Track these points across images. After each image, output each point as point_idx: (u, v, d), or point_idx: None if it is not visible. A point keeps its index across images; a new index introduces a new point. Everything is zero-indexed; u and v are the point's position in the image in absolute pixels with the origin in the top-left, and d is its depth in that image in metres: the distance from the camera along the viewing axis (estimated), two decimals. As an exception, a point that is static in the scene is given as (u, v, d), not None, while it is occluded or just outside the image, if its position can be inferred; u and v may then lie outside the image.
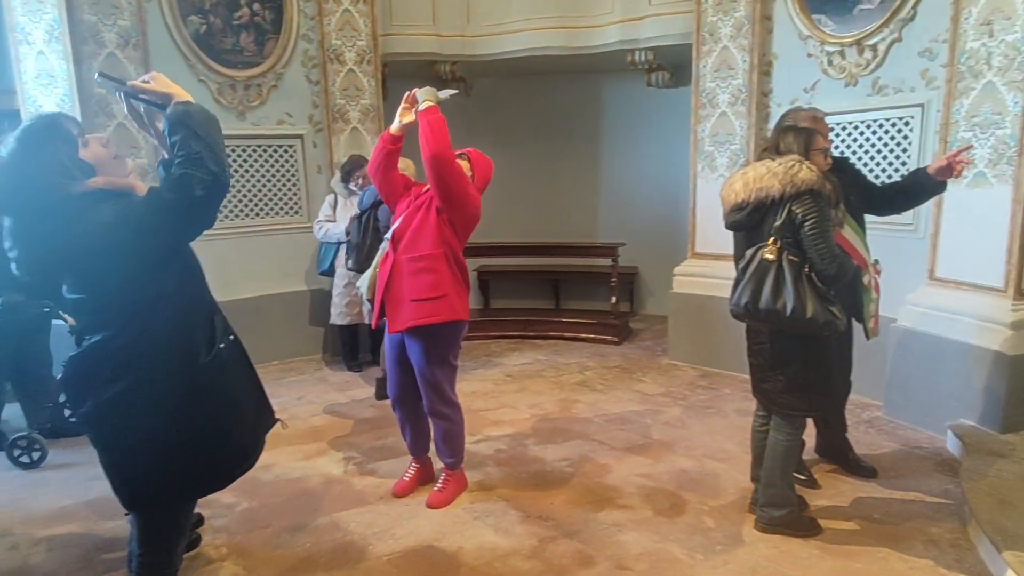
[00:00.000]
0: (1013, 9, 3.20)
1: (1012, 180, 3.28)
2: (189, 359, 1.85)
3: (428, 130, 2.62)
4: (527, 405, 4.27)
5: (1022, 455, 3.05)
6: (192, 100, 1.79)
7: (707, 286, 4.81)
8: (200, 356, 1.86)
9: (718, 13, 4.63)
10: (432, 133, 2.61)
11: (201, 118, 1.74)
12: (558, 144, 6.80)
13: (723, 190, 2.62)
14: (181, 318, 1.85)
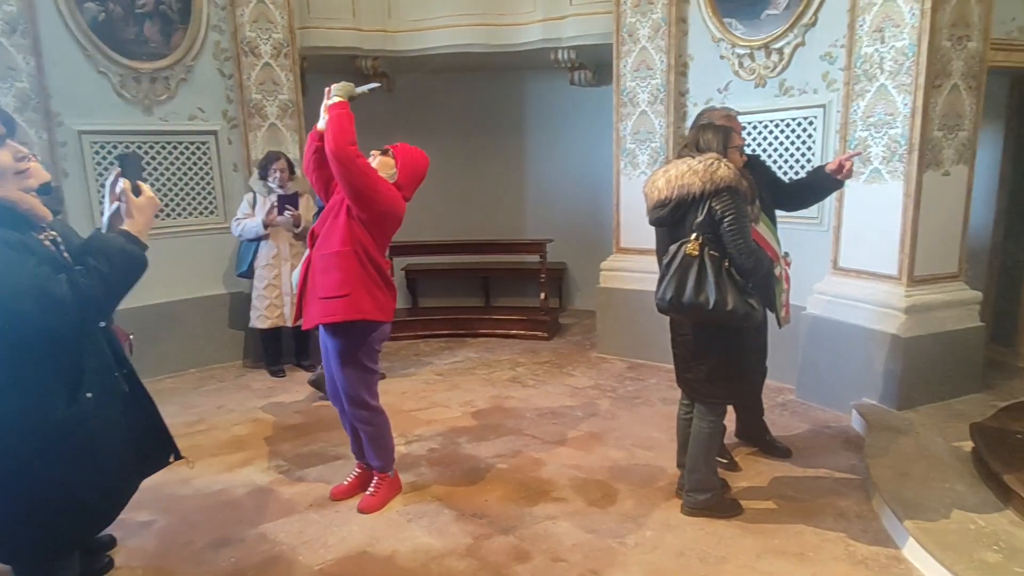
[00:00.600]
0: (902, 17, 3.46)
1: (903, 176, 3.55)
2: (39, 415, 1.59)
3: (330, 125, 2.56)
4: (459, 403, 4.25)
5: (918, 430, 3.32)
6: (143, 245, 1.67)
7: (632, 280, 4.95)
8: (55, 410, 1.60)
9: (636, 14, 4.76)
10: (333, 128, 2.54)
11: (123, 266, 1.62)
12: (484, 141, 6.80)
13: (646, 187, 2.68)
14: (29, 370, 1.58)
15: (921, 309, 3.58)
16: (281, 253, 4.70)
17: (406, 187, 2.82)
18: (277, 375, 4.84)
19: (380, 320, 2.75)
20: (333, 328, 2.73)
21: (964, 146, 3.61)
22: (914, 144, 3.47)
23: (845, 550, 2.53)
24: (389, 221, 2.74)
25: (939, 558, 2.29)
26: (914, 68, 3.43)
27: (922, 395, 3.61)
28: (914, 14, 3.40)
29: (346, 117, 2.57)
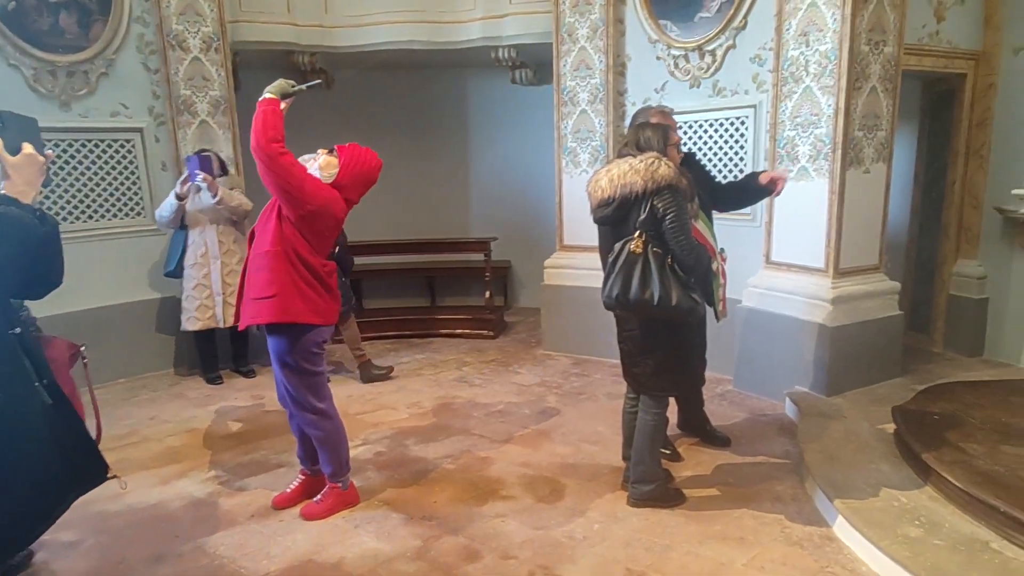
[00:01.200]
0: (824, 22, 3.64)
1: (828, 174, 3.73)
2: None
3: (255, 121, 2.48)
4: (406, 405, 4.21)
5: (846, 415, 3.50)
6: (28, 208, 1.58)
7: (576, 277, 5.01)
8: None
9: (575, 15, 4.82)
10: (256, 124, 2.47)
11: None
12: (426, 139, 6.74)
13: (589, 187, 2.72)
14: None
15: (846, 300, 3.78)
16: (210, 251, 4.50)
17: (349, 188, 2.72)
18: (214, 382, 4.66)
19: (314, 323, 2.66)
20: (268, 329, 2.67)
21: (883, 145, 3.82)
22: (837, 143, 3.66)
23: (782, 532, 2.65)
24: (322, 222, 2.63)
25: (866, 535, 2.42)
26: (836, 71, 3.61)
27: (848, 381, 3.81)
28: (835, 19, 3.57)
29: (271, 114, 2.49)
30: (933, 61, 4.06)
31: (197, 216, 4.48)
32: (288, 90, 2.58)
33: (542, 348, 5.36)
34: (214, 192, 4.33)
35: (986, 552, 2.26)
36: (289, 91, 2.59)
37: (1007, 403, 3.23)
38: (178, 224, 4.50)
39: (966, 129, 4.29)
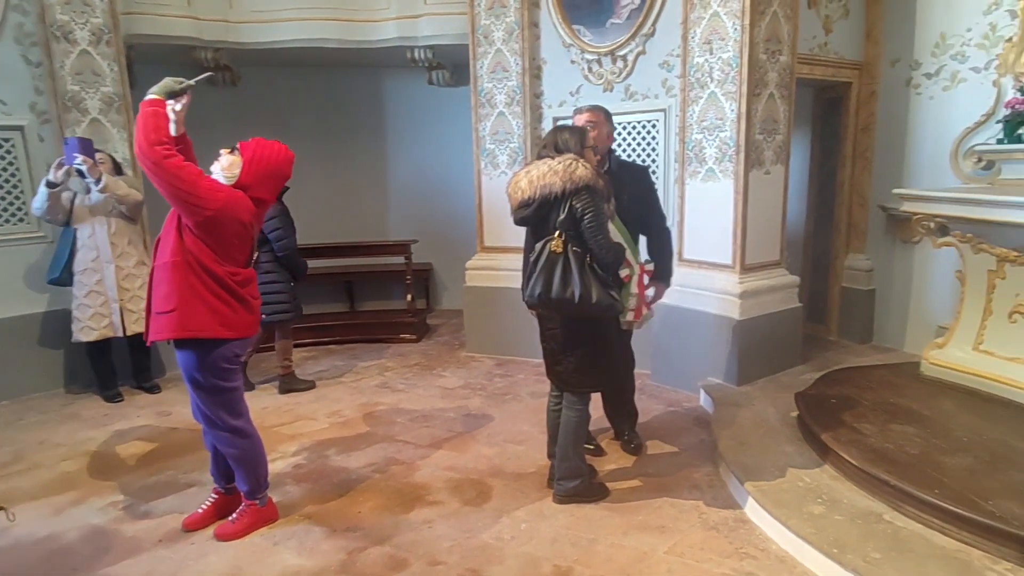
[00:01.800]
0: (726, 31, 3.83)
1: (733, 175, 3.94)
2: None
3: (136, 125, 2.34)
4: (326, 414, 4.08)
5: (754, 403, 3.70)
6: None
7: (497, 278, 5.03)
8: None
9: (490, 17, 4.84)
10: (138, 128, 2.32)
11: None
12: (342, 140, 6.57)
13: (509, 188, 2.73)
14: None
15: (752, 294, 4.00)
16: (102, 255, 4.16)
17: (256, 186, 2.56)
18: (113, 400, 4.33)
19: (223, 337, 2.50)
20: (176, 344, 2.51)
21: (780, 148, 4.08)
22: (740, 146, 3.87)
23: (699, 518, 2.76)
24: (225, 227, 2.45)
25: (775, 514, 2.57)
26: (738, 78, 3.81)
27: (756, 371, 4.03)
28: (736, 29, 3.77)
29: (153, 115, 2.33)
30: (823, 70, 4.37)
31: (83, 212, 4.13)
32: (174, 88, 2.42)
33: (466, 350, 5.34)
34: (96, 177, 3.96)
35: (880, 523, 2.46)
36: (176, 89, 2.42)
37: (894, 385, 3.52)
38: (62, 219, 4.13)
39: (853, 134, 4.65)
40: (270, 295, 4.32)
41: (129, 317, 4.21)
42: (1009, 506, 2.29)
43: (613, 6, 4.46)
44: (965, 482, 2.47)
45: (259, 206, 2.60)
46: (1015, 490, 2.39)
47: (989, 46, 3.87)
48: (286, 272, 4.37)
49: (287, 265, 4.36)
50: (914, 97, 4.32)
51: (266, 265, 4.30)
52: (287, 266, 4.36)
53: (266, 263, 4.30)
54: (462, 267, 5.33)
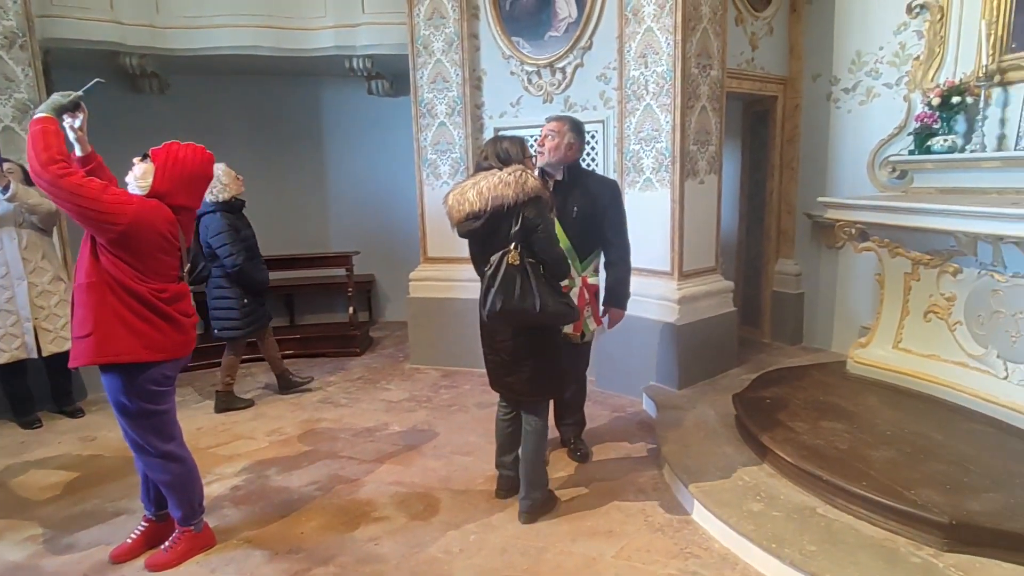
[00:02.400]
0: (660, 46, 3.96)
1: (670, 184, 4.06)
2: None
3: (27, 145, 2.21)
4: (265, 433, 3.94)
5: (695, 405, 3.81)
6: None
7: (441, 289, 5.01)
8: None
9: (430, 27, 4.83)
10: (29, 147, 2.19)
11: None
12: (280, 150, 6.40)
13: (451, 200, 2.64)
14: None
15: (690, 300, 4.12)
16: (12, 271, 3.89)
17: (173, 193, 2.40)
18: (30, 426, 4.05)
19: (148, 360, 2.35)
20: (100, 368, 2.37)
21: (713, 158, 4.23)
22: (676, 156, 3.99)
23: (645, 521, 2.81)
24: (142, 240, 2.30)
25: (717, 513, 2.65)
26: (672, 90, 3.94)
27: (696, 374, 4.15)
28: (669, 44, 3.90)
29: (43, 133, 2.18)
30: (751, 84, 4.57)
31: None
32: (62, 103, 2.29)
33: (410, 362, 5.28)
34: (3, 186, 3.74)
35: (814, 517, 2.56)
36: (64, 104, 2.29)
37: (823, 384, 3.70)
38: None
39: (779, 145, 4.88)
40: (220, 311, 4.23)
41: (45, 337, 3.96)
42: (930, 494, 2.43)
43: (551, 19, 4.54)
44: (889, 474, 2.61)
45: (181, 213, 2.45)
46: (935, 479, 2.55)
47: (899, 63, 4.15)
48: (238, 288, 4.24)
49: (240, 281, 4.22)
50: (834, 110, 4.57)
51: (217, 280, 4.20)
52: (240, 282, 4.23)
53: (217, 277, 4.20)
54: (405, 278, 5.27)
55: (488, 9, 4.71)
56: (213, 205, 4.11)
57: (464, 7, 4.73)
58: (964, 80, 3.62)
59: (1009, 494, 2.42)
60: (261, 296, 4.41)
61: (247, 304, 4.27)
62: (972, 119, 3.59)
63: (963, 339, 3.35)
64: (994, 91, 3.48)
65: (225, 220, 4.11)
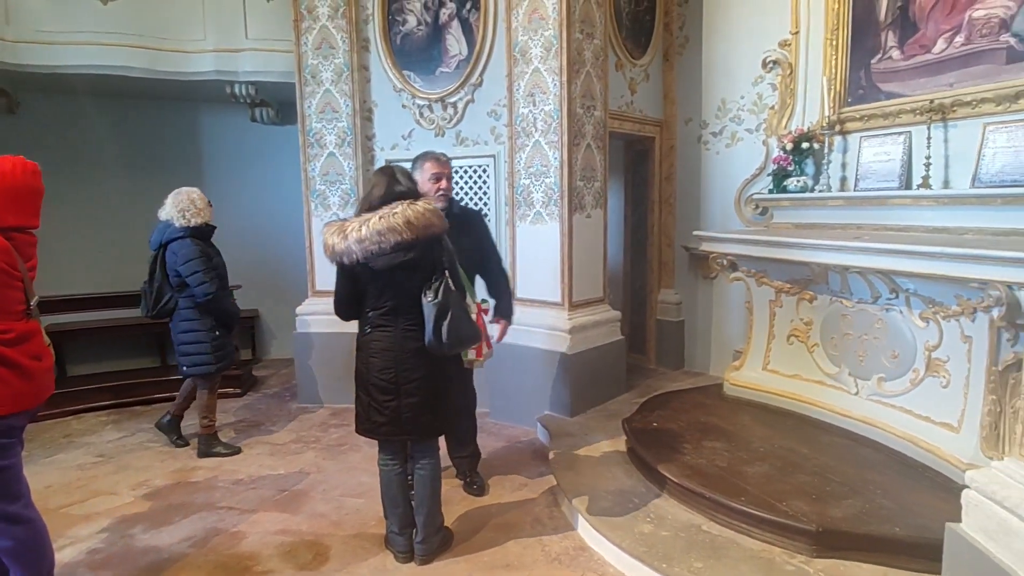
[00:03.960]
0: (547, 86, 4.13)
1: (559, 218, 4.20)
2: None
3: None
4: (130, 486, 3.57)
5: (587, 432, 3.90)
6: None
7: (331, 323, 4.78)
8: None
9: (318, 57, 4.75)
10: None
11: None
12: (151, 178, 5.92)
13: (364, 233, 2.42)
14: None
15: (580, 329, 4.25)
16: None
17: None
18: None
19: None
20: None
21: (599, 194, 4.44)
22: (564, 191, 4.15)
23: (542, 551, 2.82)
24: None
25: (610, 537, 2.71)
26: (559, 128, 4.11)
27: (587, 402, 4.27)
28: (555, 84, 4.09)
29: None
30: (631, 125, 4.87)
31: None
32: None
33: (297, 401, 5.02)
34: None
35: (700, 534, 2.69)
36: None
37: (703, 405, 3.93)
38: None
39: (658, 182, 5.21)
40: (189, 344, 3.89)
41: None
42: (799, 505, 2.63)
43: (442, 56, 4.62)
44: (764, 487, 2.79)
45: (14, 236, 2.15)
46: (803, 490, 2.76)
47: (758, 111, 4.60)
48: (210, 319, 3.90)
49: (211, 312, 3.89)
50: (704, 152, 4.97)
51: (185, 312, 3.88)
52: (212, 313, 3.90)
53: (185, 309, 3.88)
54: (292, 313, 5.04)
55: (379, 42, 4.72)
56: (183, 231, 3.84)
57: (354, 39, 4.70)
58: (811, 128, 4.07)
59: (865, 500, 2.67)
60: (231, 329, 4.09)
61: (218, 337, 3.95)
62: (819, 163, 4.04)
63: (820, 359, 3.70)
64: (836, 139, 3.94)
65: (196, 246, 3.84)
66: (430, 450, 2.76)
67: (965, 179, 3.23)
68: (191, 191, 3.91)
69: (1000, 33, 3.11)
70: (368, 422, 2.66)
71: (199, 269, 3.79)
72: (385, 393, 2.61)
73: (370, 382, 2.63)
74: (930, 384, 3.06)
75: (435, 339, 2.51)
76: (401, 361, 2.58)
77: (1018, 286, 2.37)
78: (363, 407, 2.68)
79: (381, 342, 2.60)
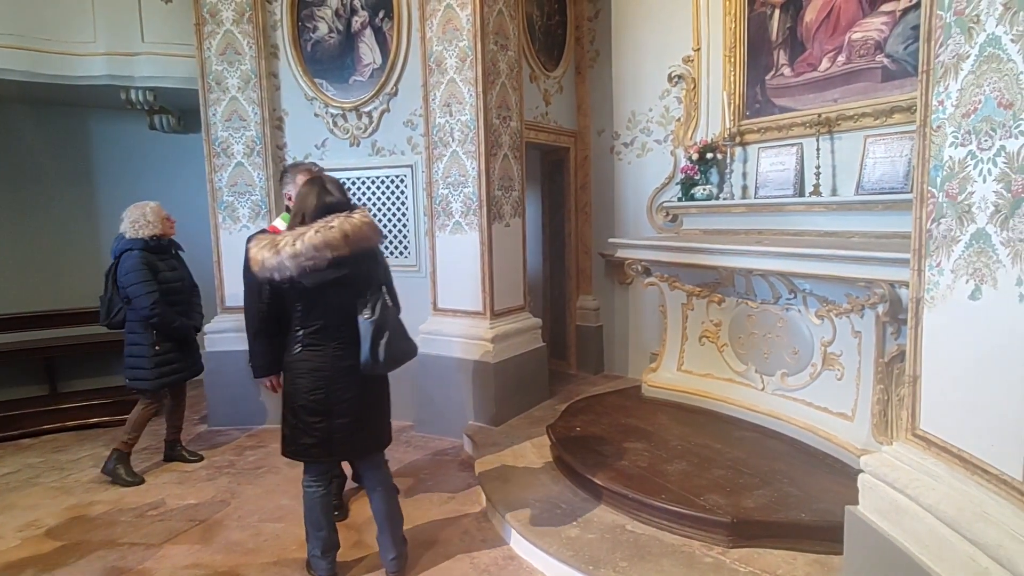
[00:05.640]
0: (463, 96, 4.15)
1: (478, 227, 4.22)
2: None
3: None
4: (15, 528, 3.25)
5: (512, 440, 3.91)
6: None
7: (242, 340, 4.58)
8: None
9: (223, 63, 4.54)
10: None
11: None
12: (35, 190, 5.49)
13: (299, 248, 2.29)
14: None
15: (502, 338, 4.27)
16: None
17: None
18: None
19: None
20: None
21: (517, 203, 4.49)
22: (483, 200, 4.17)
23: (471, 563, 2.79)
24: None
25: (538, 544, 2.72)
26: (476, 138, 4.13)
27: (511, 410, 4.29)
28: (471, 95, 4.11)
29: None
30: (546, 136, 4.97)
31: None
32: None
33: (208, 424, 4.74)
34: None
35: (624, 533, 2.75)
36: None
37: (623, 408, 4.04)
38: None
39: (574, 191, 5.34)
40: (130, 357, 3.86)
41: None
42: (715, 499, 2.75)
43: (355, 64, 4.53)
44: (682, 483, 2.91)
45: None
46: (718, 484, 2.89)
47: (665, 123, 4.81)
48: (150, 333, 3.76)
49: (154, 326, 3.76)
50: (617, 162, 5.14)
51: (130, 324, 3.85)
52: (155, 327, 3.76)
53: (130, 321, 3.80)
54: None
55: (288, 49, 4.57)
56: (131, 243, 3.79)
57: (262, 45, 4.53)
58: (715, 139, 4.30)
59: (775, 489, 2.83)
60: (181, 344, 3.91)
61: (160, 352, 3.77)
62: (723, 172, 4.27)
63: (729, 358, 3.90)
64: (737, 149, 4.18)
65: (141, 259, 3.77)
66: (376, 465, 2.68)
67: (851, 187, 3.51)
68: (146, 204, 3.88)
69: (876, 54, 3.41)
70: (295, 444, 2.54)
71: (138, 281, 3.72)
72: (314, 415, 2.48)
73: (298, 403, 2.50)
74: (826, 377, 3.29)
75: (371, 358, 2.42)
76: (332, 381, 2.47)
77: (899, 284, 2.60)
78: (290, 429, 2.54)
79: (310, 362, 2.47)
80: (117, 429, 4.72)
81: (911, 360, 1.96)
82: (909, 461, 1.94)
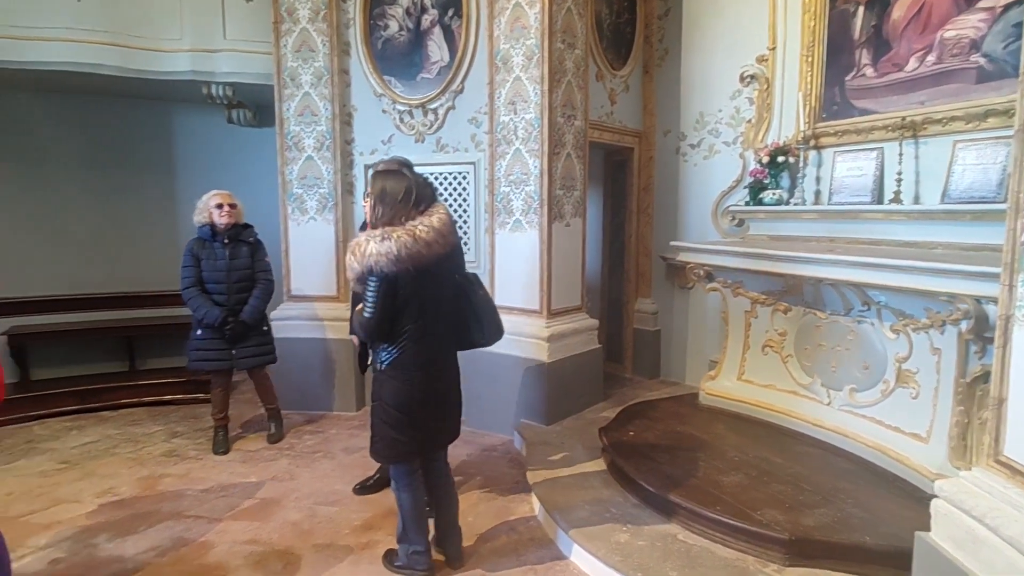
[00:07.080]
0: (528, 95, 4.15)
1: (538, 226, 4.21)
2: None
3: None
4: (94, 494, 3.47)
5: (564, 440, 3.89)
6: None
7: (307, 328, 4.76)
8: None
9: (298, 59, 4.70)
10: None
11: None
12: (121, 178, 5.83)
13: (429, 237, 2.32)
14: None
15: (558, 337, 4.25)
16: None
17: None
18: None
19: None
20: None
21: (578, 202, 4.46)
22: (544, 200, 4.16)
23: (517, 560, 2.79)
24: None
25: (587, 547, 2.69)
26: (540, 137, 4.12)
27: (564, 410, 4.26)
28: (537, 93, 4.10)
29: None
30: (611, 136, 4.91)
31: None
32: None
33: (271, 407, 4.92)
34: None
35: (675, 543, 2.69)
36: None
37: (678, 415, 3.95)
38: None
39: (636, 192, 5.25)
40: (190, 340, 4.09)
41: None
42: (773, 514, 2.65)
43: (423, 62, 4.61)
44: (738, 496, 2.81)
45: None
46: (776, 499, 2.79)
47: (735, 125, 4.67)
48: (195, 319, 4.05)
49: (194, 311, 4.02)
50: (682, 163, 5.02)
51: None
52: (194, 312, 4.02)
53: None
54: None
55: (359, 47, 4.69)
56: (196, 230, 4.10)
57: (335, 42, 4.67)
58: (787, 142, 4.14)
59: (837, 509, 2.70)
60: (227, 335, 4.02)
61: (200, 336, 4.01)
62: (795, 176, 4.11)
63: (794, 370, 3.74)
64: (811, 153, 4.01)
65: (189, 245, 4.07)
66: (445, 455, 2.79)
67: (935, 195, 3.30)
68: (208, 193, 4.12)
69: (970, 53, 3.20)
70: (405, 445, 2.49)
71: (182, 266, 4.01)
72: (433, 406, 2.53)
73: (415, 399, 2.46)
74: (900, 395, 3.11)
75: (497, 329, 2.68)
76: (446, 370, 2.61)
77: (986, 300, 2.43)
78: (397, 428, 2.46)
79: (424, 355, 2.46)
80: (188, 407, 4.99)
81: (997, 381, 1.83)
82: (990, 488, 1.81)
